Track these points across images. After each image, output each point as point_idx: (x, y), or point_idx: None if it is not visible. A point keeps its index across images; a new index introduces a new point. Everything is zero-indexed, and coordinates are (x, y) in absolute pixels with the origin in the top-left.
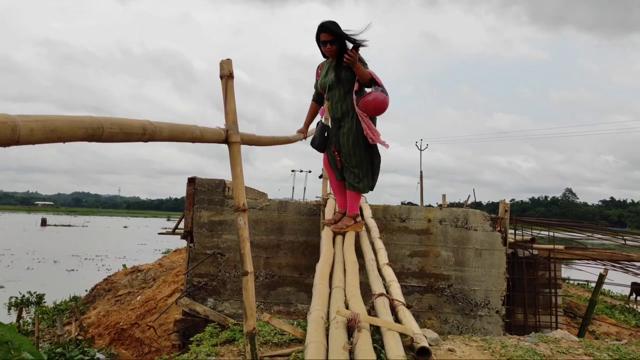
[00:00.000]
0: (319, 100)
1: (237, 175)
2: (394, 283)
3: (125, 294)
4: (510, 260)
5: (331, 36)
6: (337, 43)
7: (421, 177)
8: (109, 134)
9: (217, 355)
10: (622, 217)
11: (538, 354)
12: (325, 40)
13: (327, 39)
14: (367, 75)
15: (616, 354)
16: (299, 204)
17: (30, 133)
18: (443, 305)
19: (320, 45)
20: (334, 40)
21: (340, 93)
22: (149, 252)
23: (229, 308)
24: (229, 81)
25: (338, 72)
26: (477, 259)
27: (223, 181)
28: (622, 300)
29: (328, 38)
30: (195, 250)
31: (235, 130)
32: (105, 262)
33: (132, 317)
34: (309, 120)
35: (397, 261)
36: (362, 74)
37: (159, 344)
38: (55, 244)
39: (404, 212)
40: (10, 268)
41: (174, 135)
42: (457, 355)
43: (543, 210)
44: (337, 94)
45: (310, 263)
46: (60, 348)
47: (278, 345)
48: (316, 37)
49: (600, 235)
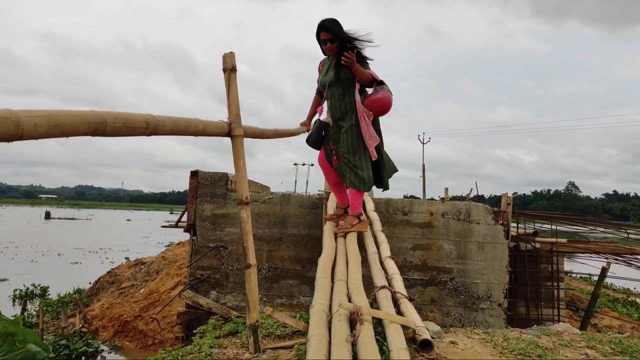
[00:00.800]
0: (321, 94)
1: (240, 168)
2: (396, 276)
3: (128, 286)
4: (512, 253)
5: (331, 35)
6: (337, 41)
7: (424, 170)
8: (112, 128)
9: (220, 347)
10: (625, 211)
11: (540, 347)
12: (325, 39)
13: (327, 37)
14: (367, 77)
15: (618, 347)
16: (301, 197)
17: (34, 128)
18: (445, 298)
19: (320, 44)
20: (334, 39)
21: (340, 92)
22: (152, 245)
23: (231, 301)
24: (232, 74)
25: (338, 71)
26: (479, 252)
27: (226, 174)
28: (624, 293)
29: (328, 37)
30: (198, 243)
31: (238, 123)
32: (109, 255)
33: (136, 310)
34: (311, 113)
35: (399, 254)
36: (362, 75)
37: (163, 336)
38: (59, 237)
39: (406, 206)
40: (14, 261)
41: (177, 128)
42: (459, 348)
43: (546, 203)
44: (336, 93)
45: (312, 256)
46: (65, 340)
47: (281, 338)
48: (316, 35)
49: (603, 228)
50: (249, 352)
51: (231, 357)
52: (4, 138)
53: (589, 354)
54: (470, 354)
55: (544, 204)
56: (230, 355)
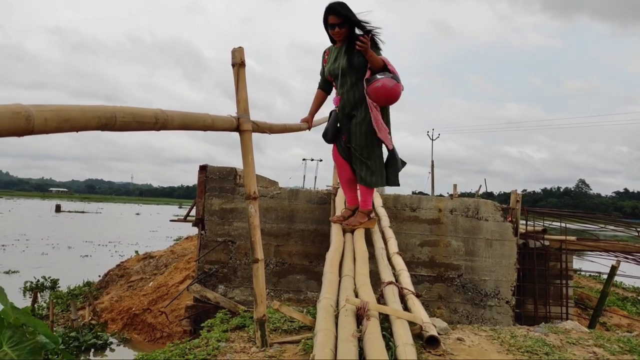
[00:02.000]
0: (325, 88)
1: (249, 163)
2: (404, 272)
3: (137, 280)
4: (521, 250)
5: (340, 19)
6: (346, 26)
7: (432, 166)
8: (121, 123)
9: (227, 341)
10: (636, 209)
11: (548, 345)
12: (334, 23)
13: (335, 21)
14: (379, 63)
15: (627, 346)
16: (309, 192)
17: (45, 123)
18: (453, 295)
19: (327, 29)
20: (343, 23)
21: (352, 80)
22: (161, 239)
23: (239, 295)
24: (241, 69)
25: (350, 58)
26: (487, 249)
27: (234, 169)
28: (634, 292)
29: (336, 21)
30: (207, 237)
31: (246, 118)
32: (118, 249)
33: (145, 303)
34: (314, 109)
35: (407, 250)
36: (375, 62)
37: (171, 329)
38: (70, 230)
39: (414, 202)
40: (25, 253)
41: (186, 123)
42: (466, 345)
43: (555, 201)
44: (348, 82)
45: (320, 251)
46: (74, 332)
47: (287, 332)
48: (323, 19)
49: (613, 226)
50: (256, 346)
51: (238, 351)
52: (15, 132)
53: (597, 352)
54: (477, 351)
55: (554, 201)
56: (237, 349)
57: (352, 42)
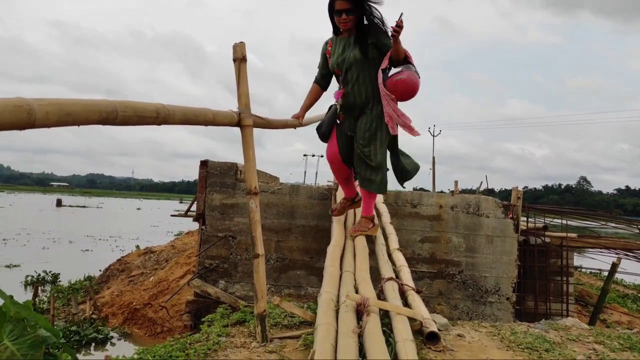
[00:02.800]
0: (322, 83)
1: (249, 158)
2: (404, 268)
3: (138, 274)
4: (522, 247)
5: (349, 4)
6: (355, 13)
7: (434, 163)
8: (122, 117)
9: (227, 335)
10: (638, 206)
11: (547, 341)
12: (341, 9)
13: (343, 7)
14: (403, 54)
15: (627, 343)
16: (310, 188)
17: (46, 116)
18: (453, 291)
19: (333, 17)
20: (351, 10)
21: (365, 73)
22: (162, 233)
23: (240, 290)
24: (242, 64)
25: (364, 49)
26: (488, 246)
27: (235, 164)
28: (634, 289)
29: (345, 6)
30: (207, 232)
31: (247, 113)
32: (119, 243)
33: (145, 298)
34: (308, 104)
35: (407, 246)
36: (401, 52)
37: (171, 324)
38: (71, 225)
39: (415, 198)
40: (26, 247)
41: (187, 118)
42: (466, 341)
43: (556, 198)
44: (360, 75)
45: (321, 247)
46: (75, 326)
47: (288, 327)
48: (329, 6)
49: (615, 224)
50: (256, 341)
51: (239, 346)
52: (16, 126)
53: (597, 349)
54: (477, 347)
55: (555, 198)
56: (237, 344)
57: (361, 32)
